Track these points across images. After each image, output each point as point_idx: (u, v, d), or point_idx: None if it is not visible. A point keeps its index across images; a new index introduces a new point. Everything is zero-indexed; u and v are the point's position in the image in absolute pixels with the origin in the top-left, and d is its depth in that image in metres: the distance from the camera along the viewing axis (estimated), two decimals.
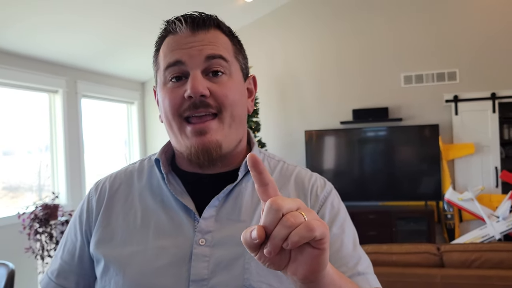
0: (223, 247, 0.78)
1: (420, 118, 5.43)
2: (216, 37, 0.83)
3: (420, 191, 5.30)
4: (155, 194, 0.86)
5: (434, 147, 5.21)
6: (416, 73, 5.48)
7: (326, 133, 5.60)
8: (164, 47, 0.84)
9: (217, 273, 0.77)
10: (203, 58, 0.79)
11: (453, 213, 5.18)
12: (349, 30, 5.70)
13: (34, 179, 4.85)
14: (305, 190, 0.86)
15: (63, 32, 4.32)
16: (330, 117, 5.70)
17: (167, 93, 0.81)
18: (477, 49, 5.29)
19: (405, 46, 5.50)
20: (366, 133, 5.53)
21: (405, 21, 5.51)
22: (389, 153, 5.43)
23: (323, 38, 5.79)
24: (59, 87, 4.87)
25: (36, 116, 4.82)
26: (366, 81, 5.64)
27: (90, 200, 0.90)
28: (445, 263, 2.35)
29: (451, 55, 5.37)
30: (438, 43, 5.40)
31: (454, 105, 5.32)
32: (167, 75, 0.81)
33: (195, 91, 0.77)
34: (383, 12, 5.58)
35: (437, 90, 5.40)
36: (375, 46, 5.61)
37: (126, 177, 0.91)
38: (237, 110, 0.82)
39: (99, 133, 5.77)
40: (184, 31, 0.81)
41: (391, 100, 5.52)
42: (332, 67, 5.76)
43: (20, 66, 4.39)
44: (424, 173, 5.30)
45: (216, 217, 0.81)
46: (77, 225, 0.90)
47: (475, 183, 5.17)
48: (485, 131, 5.24)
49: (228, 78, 0.82)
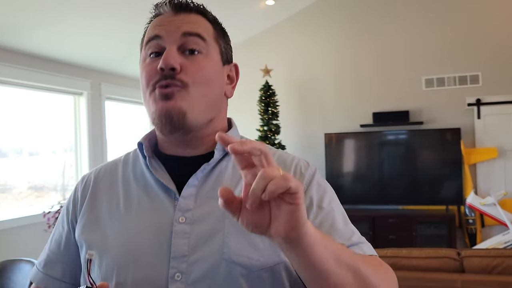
0: (202, 224, 0.80)
1: (441, 122, 5.39)
2: (197, 19, 0.86)
3: (441, 196, 5.25)
4: (138, 180, 0.89)
5: (455, 151, 5.15)
6: (438, 76, 5.43)
7: (346, 136, 5.59)
8: (148, 28, 0.88)
9: (197, 248, 0.78)
10: (179, 34, 0.82)
11: (474, 218, 5.11)
12: (368, 33, 5.68)
13: (58, 179, 4.97)
14: (287, 168, 0.87)
15: (88, 36, 4.43)
16: (349, 120, 5.69)
17: (144, 67, 0.84)
18: (500, 51, 5.22)
19: (426, 49, 5.46)
20: (387, 136, 5.50)
21: (426, 23, 5.47)
22: (410, 157, 5.40)
23: (342, 42, 5.79)
24: (84, 89, 4.99)
25: (61, 118, 4.94)
26: (386, 84, 5.62)
27: (76, 191, 0.94)
28: (466, 269, 2.34)
29: (474, 58, 5.31)
30: (460, 45, 5.35)
31: (476, 109, 5.26)
32: (146, 51, 0.85)
33: (165, 63, 0.79)
34: (404, 15, 5.55)
35: (459, 93, 5.35)
36: (395, 49, 5.58)
37: (111, 168, 0.95)
38: (208, 88, 0.84)
39: (122, 135, 5.88)
40: (167, 11, 0.85)
41: (412, 103, 5.48)
42: (352, 70, 5.75)
43: (47, 69, 4.51)
44: (445, 177, 5.25)
45: (196, 195, 0.83)
46: (64, 216, 0.93)
47: (498, 188, 5.10)
48: (509, 135, 5.17)
49: (204, 58, 0.83)
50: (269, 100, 5.56)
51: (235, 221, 0.71)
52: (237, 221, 0.59)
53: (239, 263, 0.77)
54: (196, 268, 0.77)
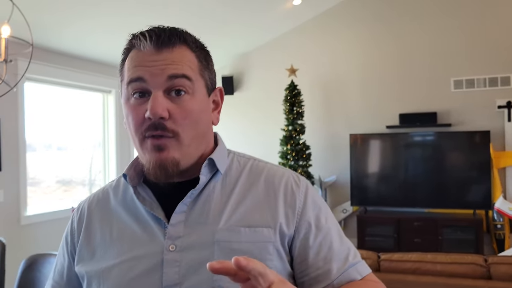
0: (192, 251, 0.80)
1: (470, 124, 5.28)
2: (181, 55, 0.81)
3: (469, 199, 5.15)
4: (128, 208, 0.89)
5: (484, 154, 5.04)
6: (467, 77, 5.32)
7: (372, 137, 5.54)
8: (128, 61, 0.84)
9: (188, 277, 0.78)
10: (165, 78, 0.79)
11: (503, 223, 5.00)
12: (394, 33, 5.61)
13: (85, 173, 5.09)
14: (275, 188, 0.87)
15: (115, 34, 4.51)
16: (375, 121, 5.63)
17: (130, 110, 0.82)
18: None
19: (456, 50, 5.36)
20: (413, 138, 5.42)
21: (456, 23, 5.37)
22: (436, 159, 5.31)
23: (366, 42, 5.73)
24: (112, 87, 5.09)
25: (90, 115, 5.05)
26: (413, 85, 5.53)
27: (72, 222, 0.95)
28: (493, 276, 2.29)
29: (505, 59, 5.18)
30: (491, 46, 5.23)
31: (507, 111, 5.13)
32: (129, 90, 0.81)
33: (154, 113, 0.77)
34: (431, 15, 5.45)
35: (489, 95, 5.23)
36: (422, 49, 5.49)
37: (103, 196, 0.94)
38: (196, 130, 0.83)
39: None
40: (148, 48, 0.80)
41: (440, 105, 5.39)
42: (377, 71, 5.68)
43: (76, 67, 4.62)
44: (473, 180, 5.14)
45: (185, 222, 0.82)
46: (64, 247, 0.95)
47: None
48: None
49: (191, 97, 0.81)
50: (294, 100, 5.55)
51: (224, 246, 0.77)
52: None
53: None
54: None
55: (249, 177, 0.89)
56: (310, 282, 0.83)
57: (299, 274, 0.84)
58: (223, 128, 6.34)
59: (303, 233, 0.84)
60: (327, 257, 0.84)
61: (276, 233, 0.82)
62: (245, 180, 0.88)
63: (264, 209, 0.84)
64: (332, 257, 0.84)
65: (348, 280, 0.84)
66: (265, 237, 0.81)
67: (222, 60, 6.25)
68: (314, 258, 0.83)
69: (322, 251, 0.84)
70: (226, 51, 6.01)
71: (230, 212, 0.83)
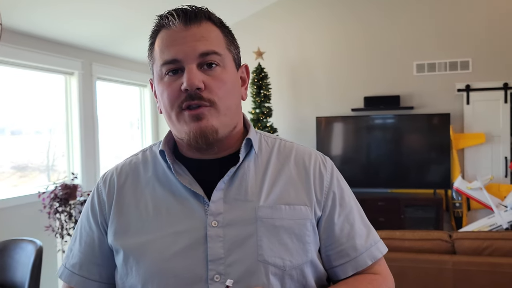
0: (235, 227, 0.84)
1: (431, 107, 5.46)
2: (208, 31, 0.86)
3: (429, 179, 5.36)
4: (163, 183, 0.90)
5: (444, 136, 5.24)
6: (429, 61, 5.48)
7: (337, 120, 5.64)
8: (158, 41, 0.88)
9: (233, 251, 0.83)
10: (197, 55, 0.83)
11: (461, 202, 5.23)
12: (361, 18, 5.69)
13: (42, 159, 4.91)
14: (306, 168, 0.93)
15: (80, 15, 4.36)
16: (341, 104, 5.73)
17: (165, 86, 0.86)
18: (490, 38, 5.28)
19: (418, 35, 5.50)
20: (377, 121, 5.56)
21: (418, 8, 5.50)
22: (399, 141, 5.48)
23: (334, 26, 5.79)
24: (75, 69, 4.93)
25: (49, 97, 4.88)
26: (378, 69, 5.65)
27: (100, 193, 0.95)
28: (457, 250, 2.41)
29: (465, 44, 5.36)
30: (451, 31, 5.39)
31: (466, 95, 5.33)
32: (163, 70, 0.86)
33: (190, 84, 0.81)
34: (397, 2, 5.56)
35: (450, 79, 5.42)
36: (388, 34, 5.61)
37: (132, 169, 0.95)
38: (231, 100, 0.87)
39: (113, 116, 5.84)
40: (177, 25, 0.85)
41: (403, 88, 5.54)
42: (344, 55, 5.77)
43: (38, 48, 4.45)
44: (433, 161, 5.34)
45: (224, 199, 0.86)
46: (90, 218, 0.94)
47: (484, 173, 5.22)
48: (496, 121, 5.27)
49: (222, 70, 0.86)
50: (261, 83, 5.57)
51: (267, 223, 0.82)
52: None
53: (273, 264, 0.83)
54: (234, 269, 0.82)
55: (279, 157, 0.94)
56: (335, 257, 0.91)
57: (324, 248, 0.91)
58: None
59: (328, 210, 0.91)
60: (350, 234, 0.91)
61: (312, 210, 0.89)
62: (276, 160, 0.93)
63: (298, 188, 0.90)
64: (355, 235, 0.91)
65: (371, 258, 0.92)
66: (303, 214, 0.88)
67: None
68: (339, 234, 0.91)
69: (346, 228, 0.91)
70: None
71: (268, 190, 0.88)
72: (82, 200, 3.56)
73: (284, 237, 0.84)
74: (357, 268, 0.91)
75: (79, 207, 3.54)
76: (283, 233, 0.85)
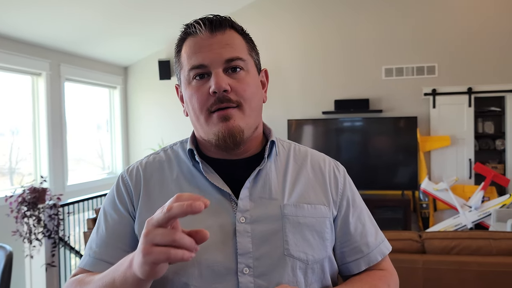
0: (262, 223, 0.90)
1: (399, 110, 5.59)
2: (232, 38, 0.93)
3: (397, 181, 5.48)
4: (189, 181, 0.95)
5: (412, 138, 5.38)
6: (397, 66, 5.62)
7: (307, 122, 5.71)
8: (186, 48, 0.93)
9: (260, 246, 0.88)
10: (223, 60, 0.90)
11: (428, 203, 5.38)
12: (332, 22, 5.78)
13: (5, 161, 4.75)
14: (323, 171, 1.01)
15: (48, 15, 4.27)
16: (313, 107, 5.80)
17: (193, 91, 0.91)
18: (456, 44, 5.46)
19: (387, 40, 5.63)
20: (346, 123, 5.66)
21: (388, 14, 5.63)
22: (368, 144, 5.59)
23: (307, 29, 5.86)
24: (42, 70, 4.82)
25: (15, 98, 4.75)
26: (349, 72, 5.76)
27: (127, 185, 0.97)
28: (427, 250, 2.48)
29: (431, 50, 5.53)
30: (419, 37, 5.55)
31: (432, 98, 5.49)
32: (191, 75, 0.91)
33: (218, 87, 0.87)
34: (367, 6, 5.68)
35: (417, 83, 5.57)
36: (358, 38, 5.72)
37: (156, 167, 0.99)
38: (254, 102, 0.94)
39: (82, 117, 5.73)
40: (203, 33, 0.91)
41: (372, 92, 5.66)
42: (316, 58, 5.85)
43: (3, 47, 4.32)
44: (401, 163, 5.48)
45: (249, 197, 0.92)
46: (118, 207, 0.95)
47: (450, 174, 5.39)
48: (461, 125, 5.45)
49: (246, 74, 0.93)
50: None
51: (292, 220, 0.91)
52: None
53: (298, 258, 0.90)
54: (262, 263, 0.88)
55: (296, 159, 1.02)
56: (349, 253, 0.99)
57: (340, 245, 0.99)
58: (163, 112, 6.25)
59: (343, 210, 0.99)
60: (363, 233, 1.00)
61: (330, 210, 0.97)
62: (293, 162, 1.01)
63: (316, 189, 0.98)
64: (367, 233, 1.00)
65: (380, 254, 1.01)
66: (323, 213, 0.95)
67: (159, 44, 6.12)
68: (354, 232, 0.99)
69: (359, 227, 1.00)
70: (163, 34, 5.89)
71: (290, 190, 0.95)
72: (51, 203, 3.47)
73: (306, 233, 0.91)
74: (369, 263, 0.99)
75: (48, 211, 3.45)
76: (306, 229, 0.91)
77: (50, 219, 3.45)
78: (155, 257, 0.66)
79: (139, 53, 6.21)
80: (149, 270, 0.68)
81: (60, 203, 3.64)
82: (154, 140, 6.27)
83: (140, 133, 6.47)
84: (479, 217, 4.75)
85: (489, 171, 4.88)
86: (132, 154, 6.48)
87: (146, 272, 0.68)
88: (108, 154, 6.28)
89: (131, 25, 5.20)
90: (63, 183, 5.08)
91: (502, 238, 2.45)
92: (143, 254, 0.67)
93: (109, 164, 6.29)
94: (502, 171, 5.55)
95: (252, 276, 0.86)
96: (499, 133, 5.76)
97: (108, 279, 0.78)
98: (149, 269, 0.68)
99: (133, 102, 6.48)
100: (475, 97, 5.45)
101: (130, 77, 6.47)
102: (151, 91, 6.38)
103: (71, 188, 5.15)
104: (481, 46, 5.39)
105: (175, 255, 0.65)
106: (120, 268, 0.76)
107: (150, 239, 0.67)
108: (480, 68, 5.40)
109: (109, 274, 0.78)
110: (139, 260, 0.68)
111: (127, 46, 5.82)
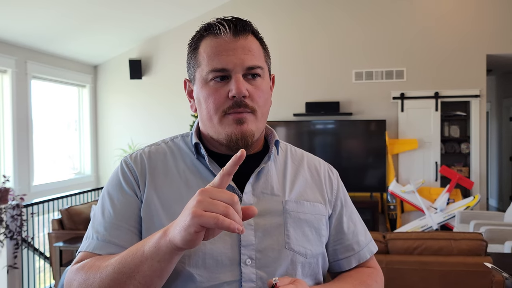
0: (265, 217, 0.94)
1: (368, 113, 5.68)
2: (253, 43, 0.96)
3: (366, 183, 5.57)
4: (193, 172, 0.98)
5: (380, 141, 5.48)
6: (367, 70, 5.71)
7: (278, 124, 5.73)
8: (206, 47, 0.95)
9: (263, 239, 0.92)
10: (245, 67, 0.93)
11: (395, 204, 5.48)
12: (305, 25, 5.84)
13: None
14: (319, 172, 1.07)
15: (14, 10, 4.17)
16: (284, 109, 5.84)
17: (211, 91, 0.94)
18: (423, 50, 5.59)
19: (357, 44, 5.72)
20: (317, 126, 5.72)
21: (359, 18, 5.72)
22: (337, 146, 5.65)
23: (279, 33, 5.90)
24: (8, 67, 4.70)
25: None
26: (319, 75, 5.82)
27: (132, 170, 0.98)
28: (390, 250, 2.53)
29: (400, 54, 5.64)
30: (388, 42, 5.66)
31: (400, 102, 5.60)
32: (210, 76, 0.94)
33: (239, 93, 0.91)
34: (338, 11, 5.75)
35: (386, 87, 5.67)
36: (328, 42, 5.79)
37: (160, 156, 1.01)
38: (266, 107, 0.99)
39: (50, 116, 5.61)
40: (228, 35, 0.94)
41: (343, 95, 5.73)
42: (287, 60, 5.88)
43: None
44: (370, 166, 5.56)
45: (252, 192, 0.96)
46: (126, 189, 0.96)
47: (417, 177, 5.50)
48: (428, 128, 5.58)
49: (262, 81, 0.97)
50: None
51: (294, 216, 0.96)
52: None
53: (298, 251, 0.95)
54: (264, 255, 0.92)
55: (293, 160, 1.07)
56: (342, 250, 1.04)
57: (332, 242, 1.05)
58: (133, 112, 6.18)
59: (338, 210, 1.06)
60: (354, 231, 1.06)
61: (326, 208, 1.03)
62: (291, 163, 1.06)
63: (313, 188, 1.03)
64: (358, 232, 1.06)
65: (369, 252, 1.07)
66: (321, 210, 1.01)
67: (130, 43, 6.05)
68: (346, 231, 1.05)
69: (351, 226, 1.06)
70: (134, 33, 5.82)
71: (290, 187, 1.00)
72: (14, 204, 3.39)
73: (306, 229, 0.96)
74: (359, 261, 1.05)
75: (10, 211, 3.37)
76: (305, 225, 0.97)
77: (13, 219, 3.36)
78: (205, 220, 0.70)
79: (109, 51, 6.12)
80: (191, 236, 0.71)
81: (24, 204, 3.56)
82: (123, 140, 6.19)
83: (109, 132, 6.37)
84: (444, 218, 4.87)
85: (454, 174, 5.01)
86: (101, 154, 6.38)
87: (186, 237, 0.72)
88: (77, 154, 6.17)
89: (102, 23, 5.13)
90: (29, 183, 4.96)
91: (462, 238, 2.52)
92: (192, 216, 0.70)
93: (77, 164, 6.17)
94: (467, 174, 5.70)
95: (254, 267, 0.91)
96: (464, 137, 5.92)
97: (133, 253, 0.80)
98: (191, 235, 0.71)
99: (102, 101, 6.39)
100: (442, 102, 5.59)
101: (100, 76, 6.38)
102: (121, 90, 6.30)
103: (37, 189, 5.03)
104: (447, 52, 5.53)
105: (223, 221, 0.69)
106: (150, 240, 0.79)
107: (204, 205, 0.71)
108: (447, 73, 5.54)
109: (134, 249, 0.80)
110: (184, 224, 0.72)
111: (97, 44, 5.73)
